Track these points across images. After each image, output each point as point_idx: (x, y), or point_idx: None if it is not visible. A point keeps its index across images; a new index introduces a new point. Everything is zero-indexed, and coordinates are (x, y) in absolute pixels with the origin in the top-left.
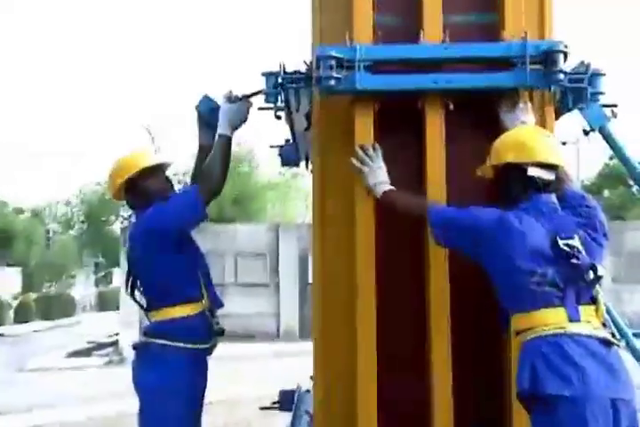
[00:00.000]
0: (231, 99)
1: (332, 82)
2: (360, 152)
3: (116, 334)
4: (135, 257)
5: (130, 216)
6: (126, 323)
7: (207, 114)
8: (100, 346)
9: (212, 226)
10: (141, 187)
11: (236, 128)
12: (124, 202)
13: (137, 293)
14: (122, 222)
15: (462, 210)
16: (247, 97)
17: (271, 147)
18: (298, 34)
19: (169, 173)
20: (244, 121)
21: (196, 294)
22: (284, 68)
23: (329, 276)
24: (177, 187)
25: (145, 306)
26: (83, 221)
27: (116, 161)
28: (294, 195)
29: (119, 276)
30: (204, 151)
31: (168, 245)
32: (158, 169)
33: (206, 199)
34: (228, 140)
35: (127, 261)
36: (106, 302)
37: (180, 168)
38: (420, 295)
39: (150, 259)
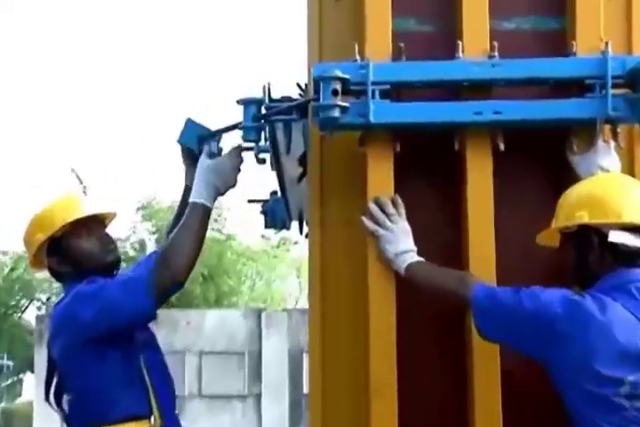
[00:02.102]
0: (213, 152)
1: (336, 113)
2: (375, 209)
3: None
4: (56, 352)
5: (48, 300)
6: None
7: (194, 145)
8: None
9: (167, 312)
10: (70, 247)
11: (220, 195)
12: (41, 278)
13: (63, 402)
14: (38, 309)
15: (518, 292)
16: (220, 133)
17: (250, 202)
18: (290, 47)
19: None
20: (233, 185)
21: (141, 409)
22: (270, 94)
23: (332, 383)
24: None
25: (69, 423)
26: None
27: (36, 213)
28: (283, 269)
29: (32, 385)
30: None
31: (98, 340)
32: (95, 222)
33: (162, 292)
34: (205, 213)
35: (48, 357)
36: (12, 424)
37: (122, 230)
38: (461, 406)
39: (74, 356)
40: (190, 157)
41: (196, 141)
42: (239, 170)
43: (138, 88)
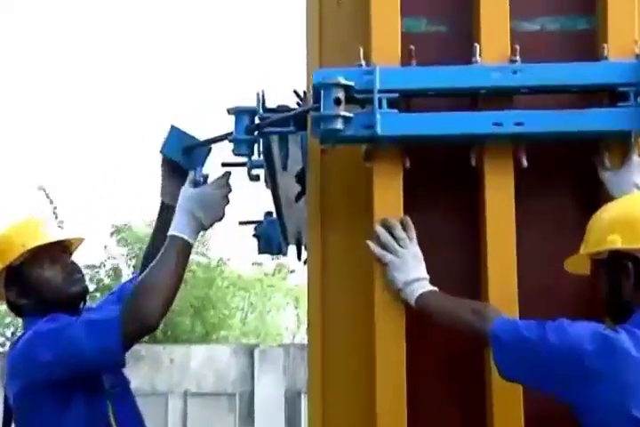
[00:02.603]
0: (198, 180)
1: (339, 124)
2: (383, 232)
3: None
4: (12, 395)
5: (13, 335)
6: None
7: (179, 156)
8: None
9: (148, 347)
10: (31, 277)
11: (204, 229)
12: (5, 311)
13: None
14: (2, 345)
15: (543, 325)
16: (207, 144)
17: (242, 224)
18: (287, 51)
19: (79, 262)
20: (220, 218)
21: None
22: (264, 102)
23: None
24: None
25: None
26: None
27: None
28: (278, 299)
29: None
30: (168, 216)
31: (60, 383)
32: (59, 249)
33: (132, 337)
34: (185, 249)
35: (4, 401)
36: None
37: (97, 255)
38: None
39: (32, 401)
40: (171, 170)
41: (181, 152)
42: (227, 201)
43: (134, 91)
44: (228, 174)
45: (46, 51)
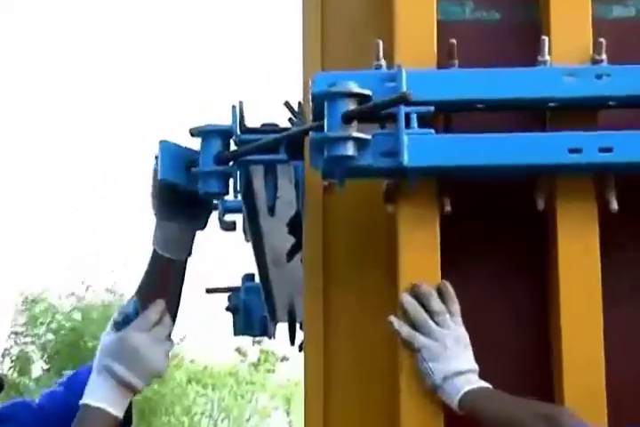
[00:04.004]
0: (122, 321)
1: (350, 149)
2: (412, 304)
3: None
4: None
5: None
6: None
7: (181, 177)
8: None
9: None
10: None
11: (136, 391)
12: None
13: None
14: None
15: None
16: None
17: (210, 292)
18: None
19: None
20: (159, 372)
21: None
22: (243, 120)
23: None
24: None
25: None
26: None
27: None
28: (263, 401)
29: None
30: (158, 275)
31: None
32: None
33: None
34: (107, 422)
35: None
36: None
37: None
38: None
39: None
40: (172, 200)
41: (184, 172)
42: (170, 343)
43: (134, 91)
44: (161, 304)
45: (46, 51)
